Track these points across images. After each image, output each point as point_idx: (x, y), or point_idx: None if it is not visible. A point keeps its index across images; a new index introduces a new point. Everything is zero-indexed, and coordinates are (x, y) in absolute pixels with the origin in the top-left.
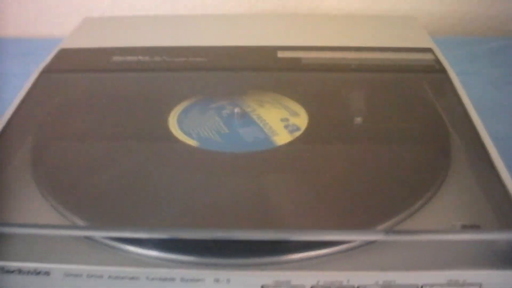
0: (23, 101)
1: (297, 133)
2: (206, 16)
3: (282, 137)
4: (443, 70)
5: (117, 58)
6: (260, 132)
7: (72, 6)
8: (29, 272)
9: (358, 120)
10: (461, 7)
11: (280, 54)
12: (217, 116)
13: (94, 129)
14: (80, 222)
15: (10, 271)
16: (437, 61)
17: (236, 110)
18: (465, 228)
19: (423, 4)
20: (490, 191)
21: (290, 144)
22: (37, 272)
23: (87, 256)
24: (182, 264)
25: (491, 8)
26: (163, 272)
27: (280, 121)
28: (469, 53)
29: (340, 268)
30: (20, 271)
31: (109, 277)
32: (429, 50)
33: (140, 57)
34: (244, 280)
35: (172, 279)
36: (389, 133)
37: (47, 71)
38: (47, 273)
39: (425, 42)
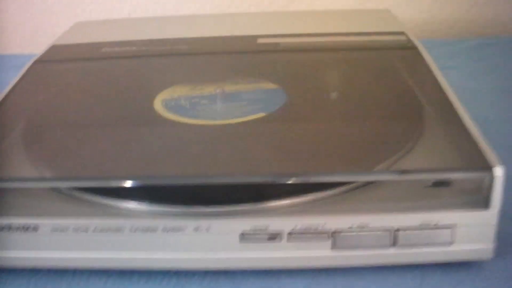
0: (14, 87)
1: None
2: (191, 16)
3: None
4: (414, 48)
5: (106, 49)
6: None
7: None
8: (18, 228)
9: (335, 93)
10: (441, 13)
11: (260, 40)
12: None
13: (80, 107)
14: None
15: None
16: (409, 41)
17: (218, 90)
18: (436, 184)
19: (405, 11)
20: (460, 141)
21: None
22: (26, 228)
23: (72, 211)
24: (164, 214)
25: (469, 13)
26: (146, 222)
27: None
28: (449, 52)
29: (317, 214)
30: (10, 228)
31: (94, 230)
32: (401, 33)
33: (128, 48)
34: (224, 227)
35: (154, 230)
36: (366, 101)
37: (39, 62)
38: (35, 228)
39: (397, 27)
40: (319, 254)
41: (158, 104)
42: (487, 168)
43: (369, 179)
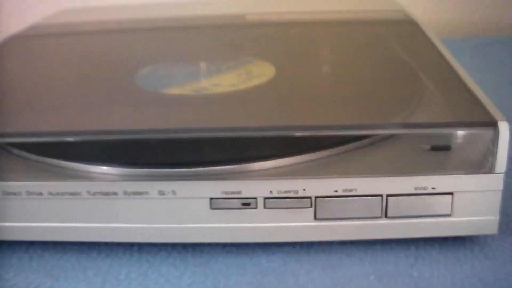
0: None
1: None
2: (179, 3)
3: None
4: (413, 22)
5: (86, 27)
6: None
7: None
8: None
9: (328, 66)
10: (445, 14)
11: (249, 17)
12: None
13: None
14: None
15: None
16: (407, 16)
17: (202, 64)
18: (435, 148)
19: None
20: (463, 101)
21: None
22: None
23: (25, 174)
24: (124, 176)
25: (474, 15)
26: (104, 185)
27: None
28: (452, 49)
29: (297, 177)
30: None
31: (49, 193)
32: (400, 11)
33: (109, 25)
34: (191, 192)
35: (115, 193)
36: (364, 69)
37: (15, 37)
38: None
39: (396, 6)
40: (300, 224)
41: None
42: (491, 123)
43: (366, 132)
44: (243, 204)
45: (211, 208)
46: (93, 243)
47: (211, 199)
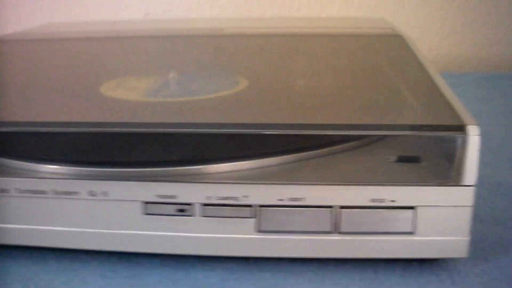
0: None
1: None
2: (160, 20)
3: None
4: (399, 35)
5: (64, 35)
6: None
7: None
8: None
9: (302, 81)
10: (452, 50)
11: (227, 31)
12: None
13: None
14: None
15: None
16: (393, 30)
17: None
18: (402, 160)
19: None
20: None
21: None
22: None
23: None
24: (53, 174)
25: (482, 51)
26: (32, 182)
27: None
28: (454, 82)
29: (239, 182)
30: None
31: None
32: (385, 22)
33: (86, 34)
34: (123, 194)
35: (43, 192)
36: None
37: None
38: None
39: (386, 25)
40: (241, 236)
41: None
42: (460, 127)
43: (315, 132)
44: (179, 210)
45: (145, 213)
46: (20, 247)
47: (144, 203)
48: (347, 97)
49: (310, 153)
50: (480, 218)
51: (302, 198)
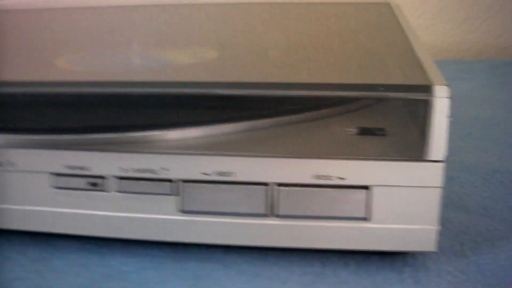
0: None
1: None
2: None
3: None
4: (387, 3)
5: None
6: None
7: None
8: None
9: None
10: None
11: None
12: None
13: None
14: None
15: None
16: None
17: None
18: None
19: (430, 34)
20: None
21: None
22: None
23: None
24: None
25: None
26: None
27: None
28: (466, 68)
29: (155, 151)
30: None
31: None
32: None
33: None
34: (30, 163)
35: None
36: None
37: None
38: None
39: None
40: (162, 217)
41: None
42: (425, 87)
43: (259, 93)
44: (91, 184)
45: (53, 186)
46: None
47: (53, 174)
48: (308, 58)
49: (250, 123)
50: (467, 207)
51: (231, 172)
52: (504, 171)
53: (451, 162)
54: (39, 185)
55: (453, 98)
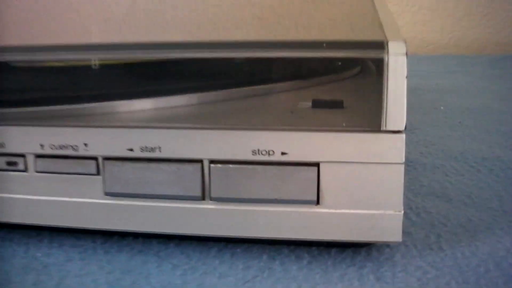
0: None
1: None
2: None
3: None
4: None
5: None
6: None
7: None
8: None
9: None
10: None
11: None
12: None
13: None
14: None
15: None
16: None
17: None
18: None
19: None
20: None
21: None
22: None
23: None
24: None
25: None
26: None
27: None
28: (467, 62)
29: (75, 124)
30: None
31: None
32: None
33: None
34: None
35: None
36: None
37: None
38: None
39: None
40: (85, 201)
41: None
42: (379, 43)
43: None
44: (8, 163)
45: None
46: None
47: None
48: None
49: (188, 96)
50: (449, 196)
51: (157, 147)
52: (494, 159)
53: (435, 150)
54: None
55: (446, 90)
